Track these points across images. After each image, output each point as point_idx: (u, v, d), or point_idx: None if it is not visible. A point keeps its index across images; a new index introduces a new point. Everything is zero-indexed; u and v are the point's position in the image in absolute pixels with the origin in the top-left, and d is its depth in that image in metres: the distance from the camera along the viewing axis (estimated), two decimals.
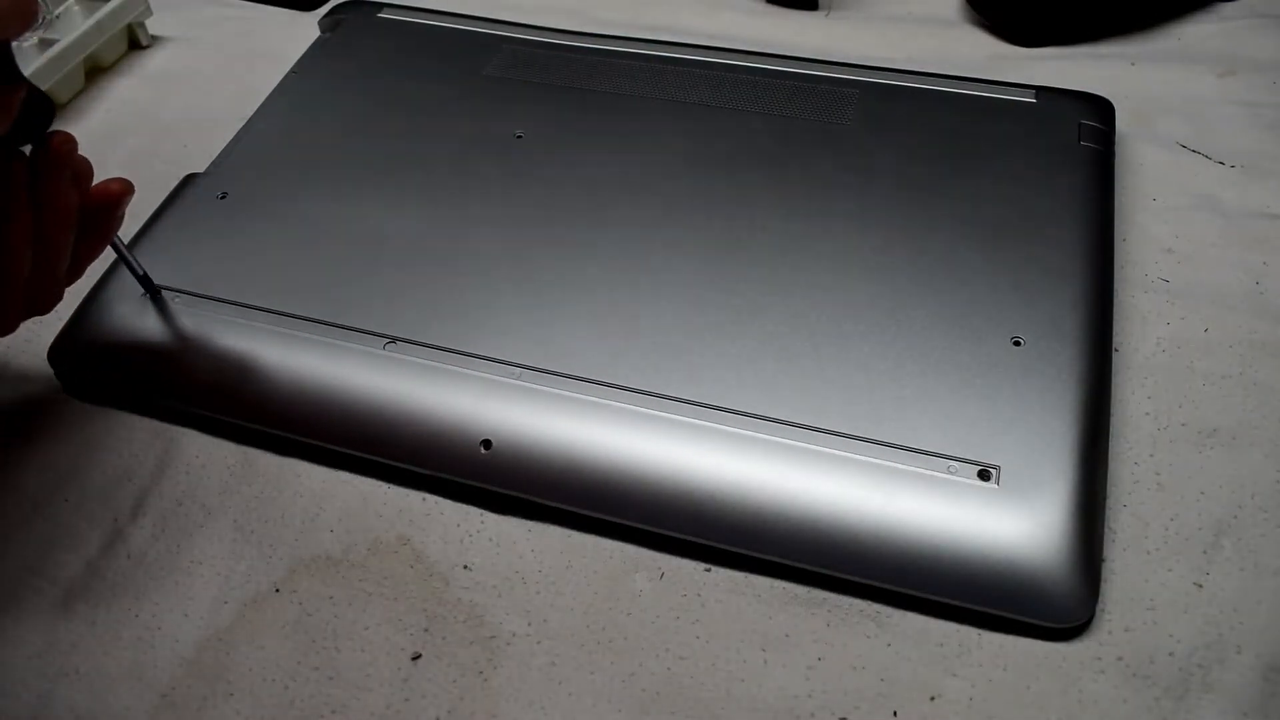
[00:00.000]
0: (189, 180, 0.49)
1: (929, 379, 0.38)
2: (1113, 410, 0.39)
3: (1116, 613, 0.34)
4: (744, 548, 0.36)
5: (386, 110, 0.51)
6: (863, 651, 0.34)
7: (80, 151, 0.55)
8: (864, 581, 0.35)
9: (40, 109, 0.35)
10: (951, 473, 0.36)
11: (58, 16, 0.59)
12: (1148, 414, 0.40)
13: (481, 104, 0.51)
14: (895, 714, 0.33)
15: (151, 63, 0.61)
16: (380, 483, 0.40)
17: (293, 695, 0.34)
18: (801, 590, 0.36)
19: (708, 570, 0.36)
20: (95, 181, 0.38)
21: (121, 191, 0.38)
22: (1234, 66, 0.54)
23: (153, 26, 0.62)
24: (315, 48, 0.56)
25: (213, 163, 0.50)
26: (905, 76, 0.51)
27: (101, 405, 0.43)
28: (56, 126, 0.58)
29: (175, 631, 0.36)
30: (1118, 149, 0.49)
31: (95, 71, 0.60)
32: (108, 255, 0.47)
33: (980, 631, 0.34)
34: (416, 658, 0.35)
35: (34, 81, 0.53)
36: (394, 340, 0.41)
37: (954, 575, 0.34)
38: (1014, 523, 0.34)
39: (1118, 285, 0.44)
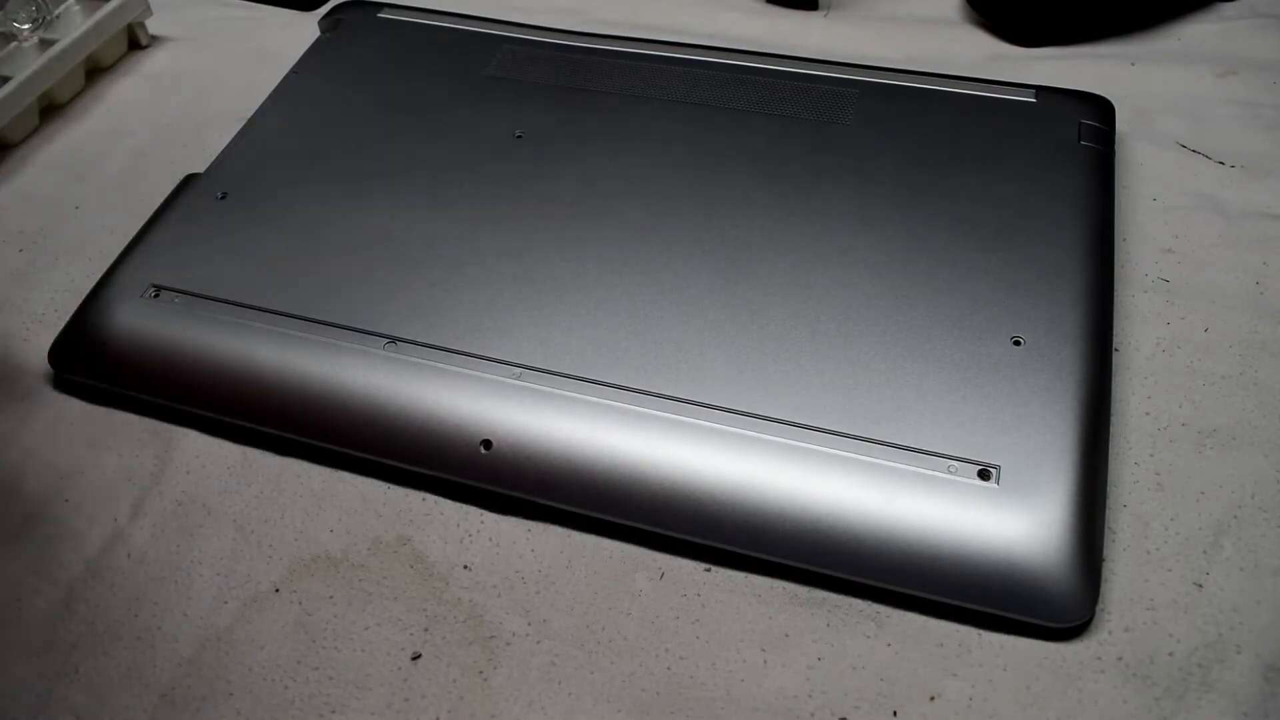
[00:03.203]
0: (189, 180, 0.49)
1: (929, 379, 0.38)
2: (1113, 410, 0.39)
3: (1116, 613, 0.34)
4: (744, 548, 0.36)
5: (386, 110, 0.51)
6: (863, 651, 0.34)
7: (80, 151, 0.55)
8: (864, 581, 0.35)
9: None
10: (951, 472, 0.36)
11: (58, 16, 0.59)
12: (1148, 414, 0.40)
13: (481, 104, 0.51)
14: (895, 714, 0.33)
15: (151, 63, 0.61)
16: (380, 483, 0.40)
17: (293, 695, 0.34)
18: (801, 590, 0.36)
19: (708, 570, 0.36)
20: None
21: None
22: (1234, 66, 0.54)
23: (153, 26, 0.62)
24: (315, 48, 0.56)
25: (213, 163, 0.49)
26: (905, 76, 0.51)
27: (101, 405, 0.43)
28: (59, 127, 0.59)
29: (175, 631, 0.36)
30: (1118, 149, 0.49)
31: (95, 71, 0.60)
32: (107, 256, 0.47)
33: (980, 631, 0.34)
34: (416, 658, 0.35)
35: (34, 81, 0.54)
36: (394, 340, 0.41)
37: (954, 575, 0.34)
38: (1014, 523, 0.34)
39: (1118, 285, 0.44)
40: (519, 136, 0.49)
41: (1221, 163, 0.49)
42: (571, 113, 0.50)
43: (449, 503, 0.39)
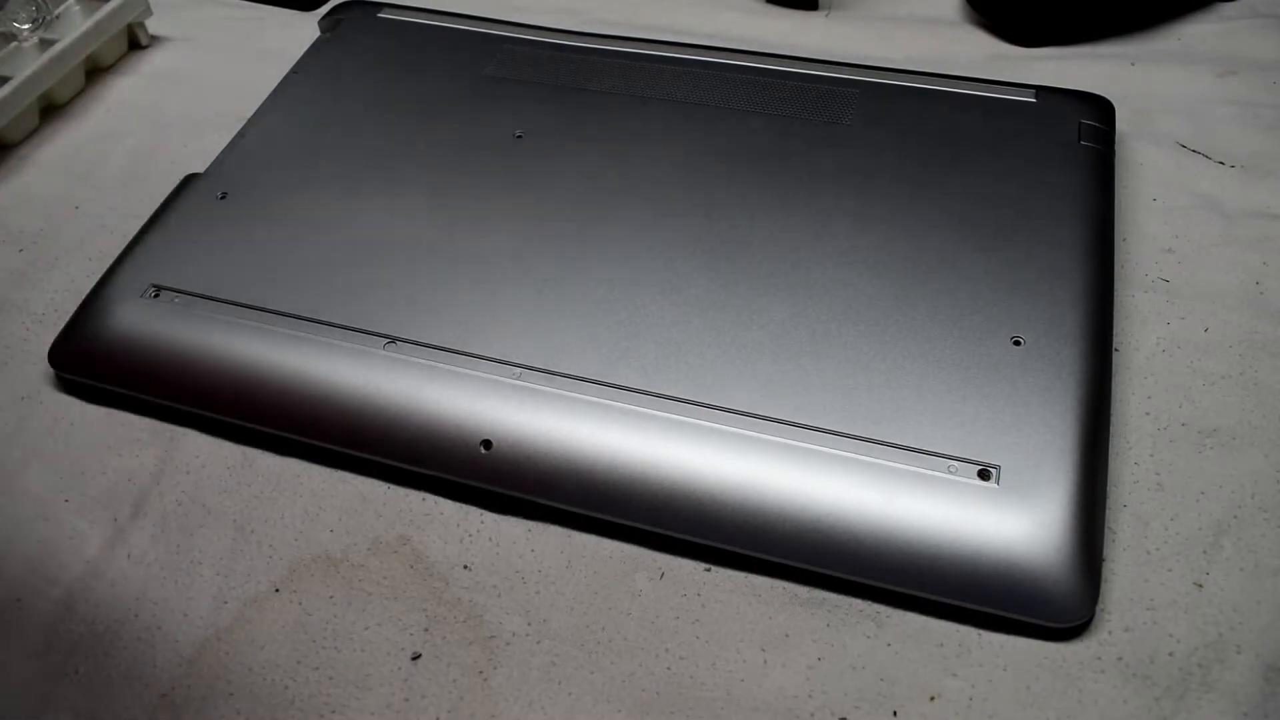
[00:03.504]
0: (189, 180, 0.49)
1: (929, 379, 0.38)
2: (1113, 410, 0.39)
3: (1116, 613, 0.34)
4: (744, 548, 0.36)
5: (386, 110, 0.51)
6: (863, 651, 0.34)
7: (80, 151, 0.55)
8: (864, 581, 0.35)
9: None
10: (951, 473, 0.36)
11: (58, 16, 0.59)
12: (1148, 414, 0.40)
13: (481, 104, 0.51)
14: (895, 714, 0.33)
15: (151, 63, 0.61)
16: (380, 483, 0.40)
17: (293, 695, 0.34)
18: (801, 590, 0.36)
19: (708, 570, 0.36)
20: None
21: None
22: (1234, 66, 0.54)
23: (153, 26, 0.62)
24: (315, 48, 0.56)
25: (213, 163, 0.49)
26: (905, 76, 0.51)
27: (101, 405, 0.43)
28: (59, 127, 0.59)
29: (175, 631, 0.36)
30: (1118, 149, 0.49)
31: (95, 71, 0.60)
32: (107, 256, 0.47)
33: (980, 631, 0.34)
34: (416, 658, 0.35)
35: (34, 81, 0.54)
36: (394, 340, 0.41)
37: (954, 575, 0.34)
38: (1014, 523, 0.34)
39: (1118, 285, 0.44)
40: (519, 136, 0.49)
41: (1221, 163, 0.49)
42: (571, 113, 0.50)
43: (449, 503, 0.39)
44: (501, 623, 0.36)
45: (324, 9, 0.63)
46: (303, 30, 0.59)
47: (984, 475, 0.36)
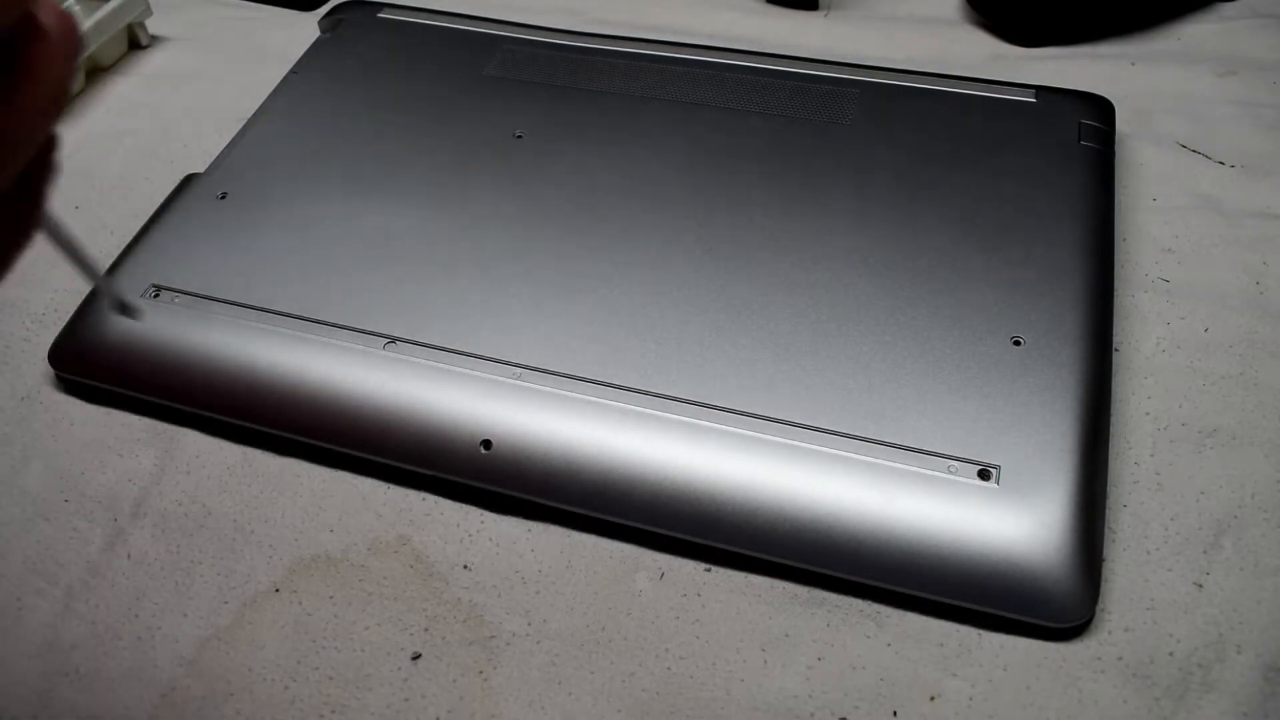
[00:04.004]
0: (189, 180, 0.49)
1: (929, 379, 0.38)
2: (1113, 410, 0.39)
3: (1116, 613, 0.34)
4: (744, 548, 0.36)
5: (386, 110, 0.51)
6: (863, 651, 0.34)
7: (80, 151, 0.55)
8: (864, 581, 0.35)
9: None
10: (951, 472, 0.36)
11: None
12: (1148, 414, 0.40)
13: (481, 104, 0.51)
14: (895, 714, 0.33)
15: (151, 63, 0.61)
16: (380, 483, 0.40)
17: (293, 695, 0.34)
18: (801, 590, 0.36)
19: (708, 570, 0.36)
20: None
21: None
22: (1234, 66, 0.54)
23: (153, 26, 0.62)
24: (315, 48, 0.56)
25: (212, 163, 0.49)
26: (905, 76, 0.51)
27: (101, 405, 0.43)
28: (59, 127, 0.58)
29: (175, 631, 0.36)
30: (1118, 149, 0.49)
31: (95, 71, 0.60)
32: (107, 256, 0.47)
33: (980, 631, 0.34)
34: (416, 658, 0.35)
35: None
36: (394, 340, 0.41)
37: (954, 575, 0.34)
38: (1014, 523, 0.34)
39: (1118, 285, 0.44)
40: (519, 136, 0.49)
41: (1221, 163, 0.49)
42: (571, 113, 0.50)
43: (449, 503, 0.39)
44: (501, 623, 0.36)
45: (324, 9, 0.63)
46: (303, 30, 0.59)
47: (984, 475, 0.36)
